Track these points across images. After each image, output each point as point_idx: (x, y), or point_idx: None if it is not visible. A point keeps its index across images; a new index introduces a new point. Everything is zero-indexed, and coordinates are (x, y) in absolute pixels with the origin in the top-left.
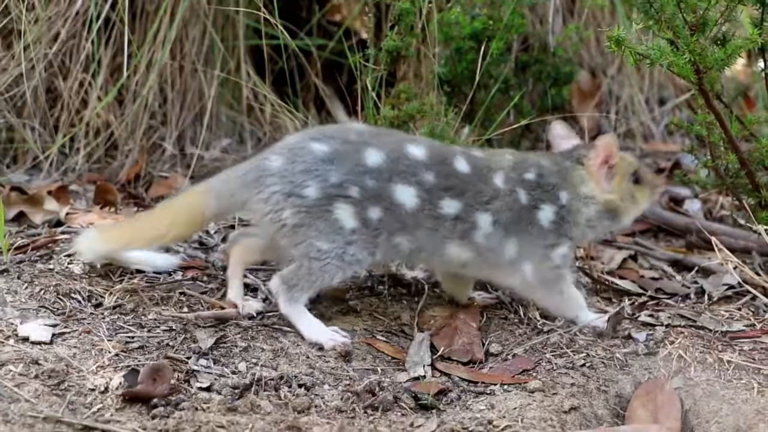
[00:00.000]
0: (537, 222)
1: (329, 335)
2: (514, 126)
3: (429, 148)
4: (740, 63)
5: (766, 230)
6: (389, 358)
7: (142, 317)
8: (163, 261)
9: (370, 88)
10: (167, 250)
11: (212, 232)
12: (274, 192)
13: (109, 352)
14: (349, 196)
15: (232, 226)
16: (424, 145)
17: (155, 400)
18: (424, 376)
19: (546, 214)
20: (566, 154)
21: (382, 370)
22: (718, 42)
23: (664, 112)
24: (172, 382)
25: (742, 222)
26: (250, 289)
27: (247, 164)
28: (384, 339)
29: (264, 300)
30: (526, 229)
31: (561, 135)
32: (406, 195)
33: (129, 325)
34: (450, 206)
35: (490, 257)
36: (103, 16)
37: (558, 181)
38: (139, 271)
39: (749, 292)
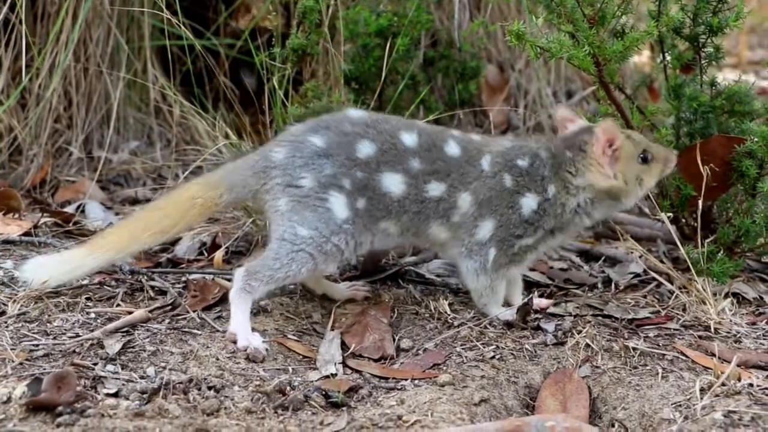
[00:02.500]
0: (518, 209)
1: (248, 337)
2: (423, 121)
3: (422, 134)
4: (645, 55)
5: (668, 218)
6: (301, 357)
7: (48, 324)
8: None
9: (277, 86)
10: None
11: None
12: (276, 183)
13: (13, 362)
14: (342, 186)
15: None
16: (418, 130)
17: (60, 408)
18: (336, 374)
19: (529, 202)
20: (569, 141)
21: (293, 369)
22: (618, 35)
23: (572, 104)
24: (78, 389)
25: (647, 211)
26: (157, 292)
27: (256, 155)
28: (296, 338)
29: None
30: (505, 214)
31: (566, 117)
32: (393, 182)
33: (34, 333)
34: (435, 189)
35: (464, 236)
36: (1, 18)
37: (549, 174)
38: None
39: (654, 279)
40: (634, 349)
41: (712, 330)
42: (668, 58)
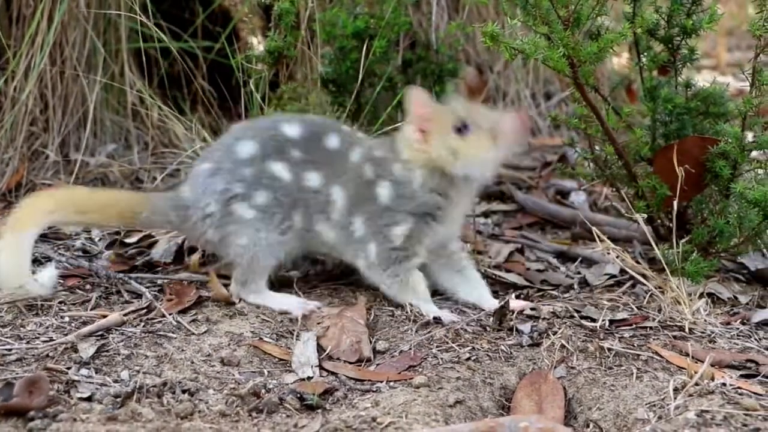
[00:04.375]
0: (377, 198)
1: (299, 303)
2: (401, 123)
3: (303, 127)
4: (625, 56)
5: (643, 219)
6: (276, 360)
7: (21, 329)
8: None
9: (253, 89)
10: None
11: (97, 239)
12: (194, 221)
13: None
14: (236, 194)
15: (117, 233)
16: (299, 123)
17: (32, 413)
18: (311, 377)
19: (384, 190)
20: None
21: (268, 372)
22: (593, 36)
23: (551, 106)
24: (51, 393)
25: (623, 212)
26: (132, 295)
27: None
28: (272, 341)
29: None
30: (370, 206)
31: (413, 100)
32: (280, 169)
33: (6, 337)
34: (312, 179)
35: (345, 235)
36: None
37: (392, 155)
38: None
39: (630, 280)
40: (609, 349)
41: (687, 330)
42: (644, 59)
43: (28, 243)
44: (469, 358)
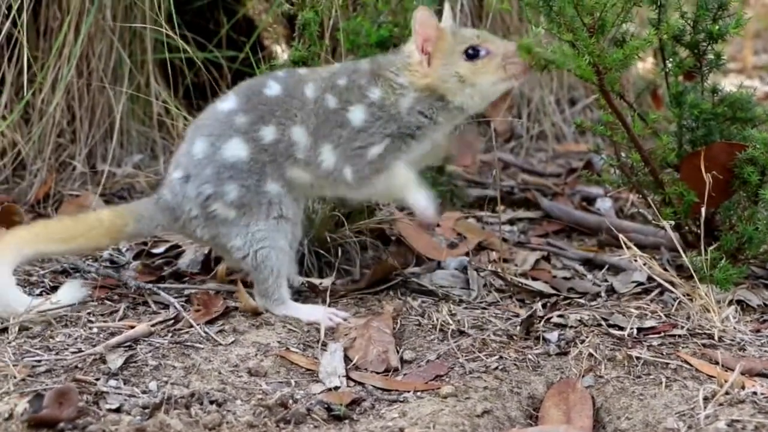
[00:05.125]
0: (348, 124)
1: (327, 314)
2: None
3: (238, 93)
4: (650, 61)
5: (671, 226)
6: (303, 370)
7: (50, 340)
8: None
9: None
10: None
11: (124, 250)
12: (183, 222)
13: (15, 378)
14: (209, 194)
15: (145, 243)
16: (234, 93)
17: (62, 425)
18: (338, 387)
19: (356, 114)
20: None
21: (296, 382)
22: (618, 43)
23: (575, 112)
24: (80, 404)
25: (650, 219)
26: (160, 305)
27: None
28: (299, 351)
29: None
30: (338, 134)
31: (419, 21)
32: (236, 149)
33: (36, 349)
34: (267, 133)
35: (317, 171)
36: (4, 33)
37: (367, 81)
38: (48, 292)
39: (658, 287)
40: (638, 358)
41: (716, 338)
42: (669, 65)
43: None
44: (496, 368)
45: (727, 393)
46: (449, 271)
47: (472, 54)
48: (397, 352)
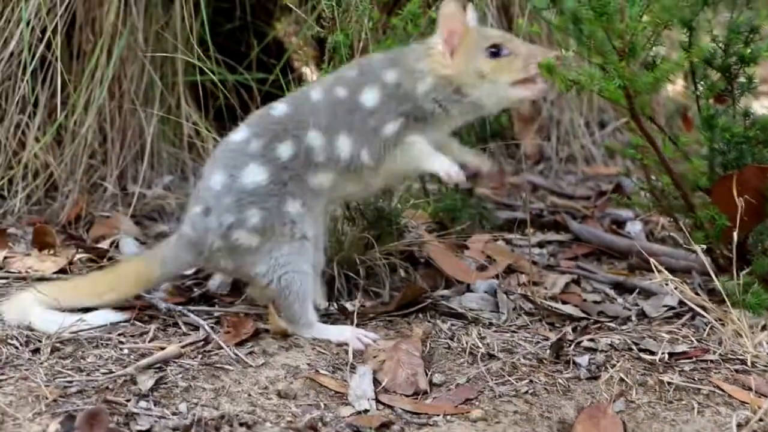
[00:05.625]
0: (360, 107)
1: (356, 335)
2: None
3: (249, 123)
4: (680, 83)
5: (703, 249)
6: (333, 392)
7: (81, 361)
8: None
9: None
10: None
11: None
12: (206, 255)
13: (47, 398)
14: (230, 223)
15: None
16: (245, 124)
17: None
18: (368, 410)
19: (369, 95)
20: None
21: (325, 405)
22: (648, 66)
23: (605, 135)
24: (111, 426)
25: (681, 242)
26: (190, 327)
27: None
28: (328, 373)
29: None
30: (351, 120)
31: (446, 14)
32: (254, 174)
33: (67, 370)
34: (284, 150)
35: (337, 166)
36: (38, 55)
37: (382, 65)
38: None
39: (689, 312)
40: (669, 383)
41: (749, 363)
42: (701, 88)
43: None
44: (526, 392)
45: (760, 420)
46: (479, 294)
47: (495, 52)
48: (426, 375)
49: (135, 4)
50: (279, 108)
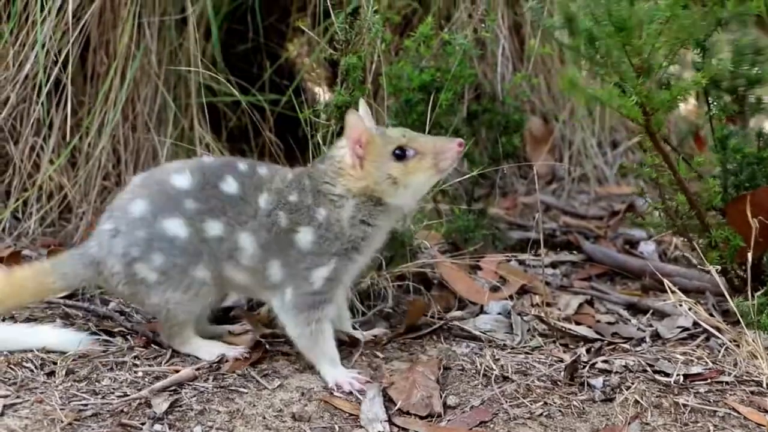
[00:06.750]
0: (296, 245)
1: (227, 349)
2: (467, 176)
3: (194, 173)
4: (692, 103)
5: (717, 270)
6: (347, 415)
7: (96, 383)
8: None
9: (321, 142)
10: None
11: None
12: (105, 276)
13: (62, 422)
14: (134, 257)
15: None
16: (191, 172)
17: None
18: None
19: (305, 236)
20: (325, 154)
21: (339, 427)
22: (663, 85)
23: (617, 154)
24: None
25: (695, 262)
26: None
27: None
28: (341, 395)
29: None
30: (288, 252)
31: (349, 124)
32: (175, 226)
33: (82, 393)
34: (213, 228)
35: (258, 279)
36: (53, 78)
37: (313, 199)
38: (93, 334)
39: (703, 333)
40: (685, 405)
41: (765, 385)
42: (713, 109)
43: None
44: (541, 414)
45: None
46: (492, 316)
47: (400, 154)
48: (441, 397)
49: (148, 26)
50: (231, 185)
